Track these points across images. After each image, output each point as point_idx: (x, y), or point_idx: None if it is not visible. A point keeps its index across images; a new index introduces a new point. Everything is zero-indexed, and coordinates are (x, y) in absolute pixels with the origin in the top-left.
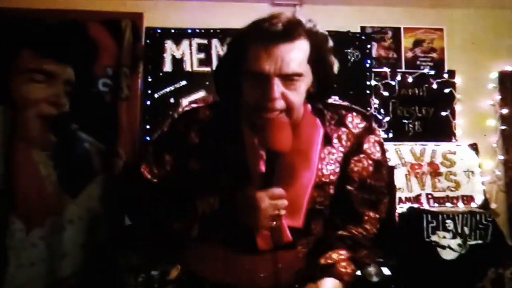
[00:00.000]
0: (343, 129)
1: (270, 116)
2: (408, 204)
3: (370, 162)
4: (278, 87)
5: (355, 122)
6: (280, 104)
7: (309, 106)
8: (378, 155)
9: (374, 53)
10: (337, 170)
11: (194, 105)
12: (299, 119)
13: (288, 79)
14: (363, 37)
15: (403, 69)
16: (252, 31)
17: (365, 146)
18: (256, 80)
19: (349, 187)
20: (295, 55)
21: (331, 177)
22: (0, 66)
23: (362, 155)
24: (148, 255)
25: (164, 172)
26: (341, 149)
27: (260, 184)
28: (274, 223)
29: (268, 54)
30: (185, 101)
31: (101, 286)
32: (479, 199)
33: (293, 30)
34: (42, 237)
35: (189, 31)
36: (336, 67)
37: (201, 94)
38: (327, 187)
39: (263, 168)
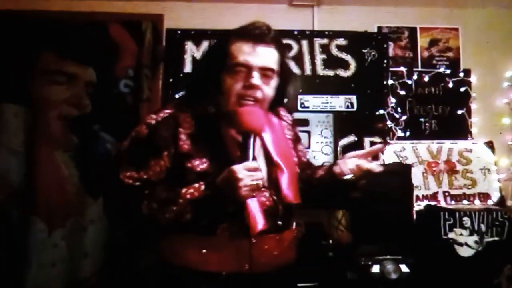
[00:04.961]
0: (283, 123)
1: (246, 105)
2: (426, 202)
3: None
4: (258, 78)
5: (287, 115)
6: (259, 93)
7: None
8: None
9: (390, 52)
10: (294, 153)
11: (168, 111)
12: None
13: (265, 73)
14: (380, 37)
15: (420, 68)
16: (239, 31)
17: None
18: (239, 72)
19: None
20: (272, 54)
21: (294, 159)
22: (22, 68)
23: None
24: None
25: (148, 174)
26: (289, 137)
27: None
28: (254, 194)
29: (252, 49)
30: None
31: (122, 286)
32: (495, 197)
33: (271, 35)
34: (63, 238)
35: (209, 32)
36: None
37: None
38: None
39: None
